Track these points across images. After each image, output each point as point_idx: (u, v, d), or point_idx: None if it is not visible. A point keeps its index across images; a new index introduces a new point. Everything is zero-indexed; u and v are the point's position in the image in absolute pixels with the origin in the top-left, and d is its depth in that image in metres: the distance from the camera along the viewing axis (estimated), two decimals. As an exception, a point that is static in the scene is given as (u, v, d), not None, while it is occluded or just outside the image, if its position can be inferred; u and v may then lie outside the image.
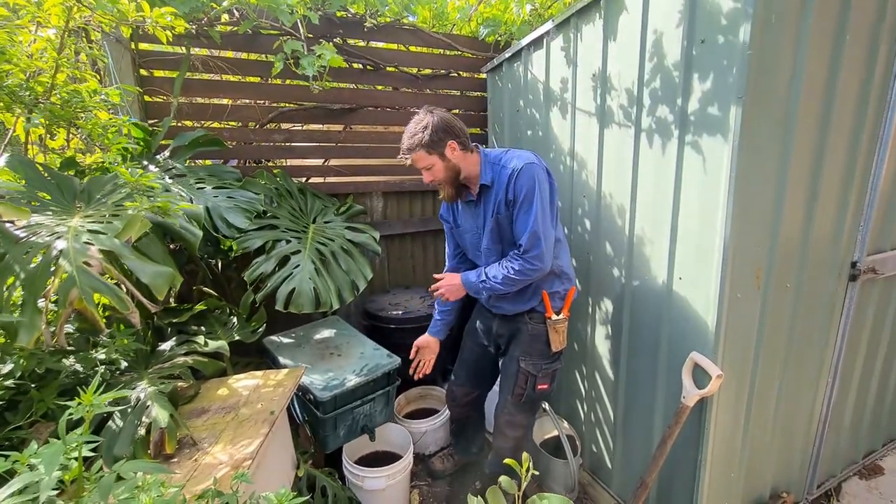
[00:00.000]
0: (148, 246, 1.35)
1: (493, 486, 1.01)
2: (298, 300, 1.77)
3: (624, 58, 1.56)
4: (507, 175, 1.49)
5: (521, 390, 1.68)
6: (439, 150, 1.50)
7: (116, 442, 1.20)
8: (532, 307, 1.64)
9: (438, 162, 1.52)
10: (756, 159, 1.26)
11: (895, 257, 1.71)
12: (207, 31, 1.97)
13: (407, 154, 1.54)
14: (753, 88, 1.19)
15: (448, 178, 1.55)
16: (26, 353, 1.25)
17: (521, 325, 1.68)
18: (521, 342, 1.68)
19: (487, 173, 1.55)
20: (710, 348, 1.38)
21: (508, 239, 1.58)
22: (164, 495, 0.81)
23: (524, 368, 1.66)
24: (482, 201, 1.61)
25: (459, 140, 1.52)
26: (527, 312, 1.66)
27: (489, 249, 1.64)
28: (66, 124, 1.58)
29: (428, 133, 1.48)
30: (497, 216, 1.55)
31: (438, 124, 1.49)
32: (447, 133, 1.50)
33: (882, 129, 1.50)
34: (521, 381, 1.67)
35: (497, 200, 1.54)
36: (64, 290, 1.08)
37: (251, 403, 1.42)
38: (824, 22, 1.25)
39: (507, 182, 1.49)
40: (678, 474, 1.58)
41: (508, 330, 1.74)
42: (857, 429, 1.97)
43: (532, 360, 1.66)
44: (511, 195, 1.49)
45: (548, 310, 1.62)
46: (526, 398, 1.69)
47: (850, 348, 1.75)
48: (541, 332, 1.64)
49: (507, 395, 1.73)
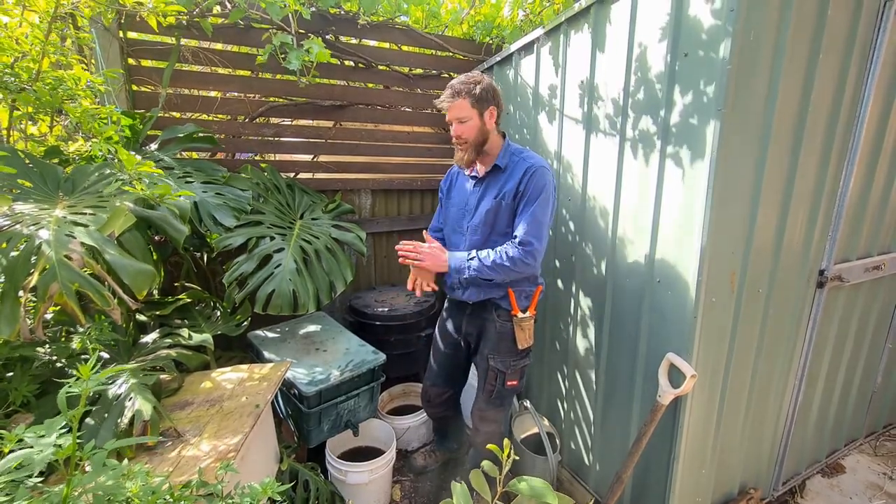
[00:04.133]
0: (130, 241, 1.33)
1: (476, 470, 1.05)
2: (277, 302, 1.77)
3: (611, 68, 1.60)
4: (525, 168, 1.54)
5: (490, 387, 1.73)
6: (480, 109, 1.52)
7: (98, 433, 1.20)
8: (496, 298, 1.66)
9: (476, 119, 1.53)
10: (733, 170, 1.32)
11: (860, 266, 1.80)
12: (199, 21, 1.96)
13: (451, 98, 1.52)
14: (732, 102, 1.25)
15: (475, 140, 1.56)
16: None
17: (489, 324, 1.72)
18: (489, 340, 1.72)
19: (504, 158, 1.60)
20: (685, 349, 1.43)
21: (499, 228, 1.60)
22: (150, 484, 0.82)
23: (493, 366, 1.70)
24: (487, 181, 1.64)
25: (499, 112, 1.57)
26: (494, 309, 1.68)
27: (475, 228, 1.64)
28: (52, 111, 1.55)
29: (479, 88, 1.51)
30: (501, 201, 1.57)
31: (490, 86, 1.54)
32: (494, 98, 1.55)
33: (851, 144, 1.58)
34: (490, 378, 1.72)
35: (505, 187, 1.57)
36: (44, 283, 1.06)
37: (236, 397, 1.43)
38: (800, 40, 1.31)
39: (524, 175, 1.53)
40: (652, 470, 1.64)
41: (476, 328, 1.77)
42: (822, 429, 2.06)
43: (501, 357, 1.70)
44: (522, 188, 1.53)
45: (514, 307, 1.64)
46: (496, 394, 1.74)
47: (817, 352, 1.83)
48: (508, 331, 1.67)
49: (480, 391, 1.79)
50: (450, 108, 1.54)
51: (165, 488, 0.84)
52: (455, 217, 1.74)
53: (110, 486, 0.75)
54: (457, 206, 1.73)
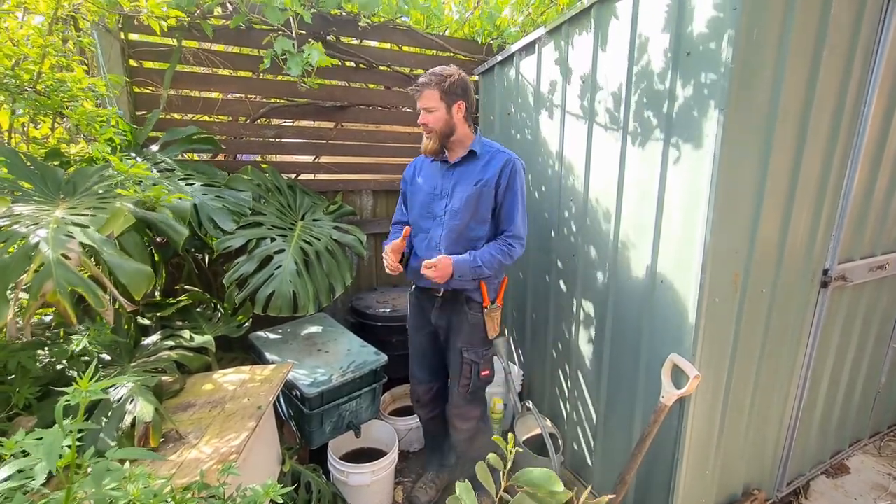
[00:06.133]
0: (128, 242, 1.33)
1: (481, 462, 1.04)
2: (277, 303, 1.77)
3: (613, 66, 1.60)
4: (504, 160, 1.62)
5: (466, 381, 1.75)
6: (448, 102, 1.59)
7: (99, 437, 1.19)
8: (468, 291, 1.70)
9: (442, 111, 1.59)
10: (736, 169, 1.31)
11: (864, 266, 1.79)
12: (200, 23, 1.96)
13: (420, 88, 1.59)
14: (735, 101, 1.24)
15: (441, 130, 1.61)
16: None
17: (460, 316, 1.73)
18: (461, 332, 1.74)
19: (478, 146, 1.66)
20: (688, 350, 1.43)
21: (480, 215, 1.65)
22: (151, 487, 0.81)
23: (467, 358, 1.73)
24: (462, 167, 1.67)
25: (468, 107, 1.63)
26: (465, 302, 1.72)
27: (455, 212, 1.65)
28: (53, 113, 1.55)
29: (449, 82, 1.58)
30: (483, 188, 1.62)
31: (460, 81, 1.60)
32: (464, 94, 1.61)
33: (854, 142, 1.57)
34: (465, 372, 1.74)
35: (486, 174, 1.63)
36: (38, 281, 1.06)
37: (237, 398, 1.42)
38: (803, 39, 1.31)
39: (503, 166, 1.61)
40: (656, 471, 1.63)
41: (446, 320, 1.78)
42: (826, 429, 2.05)
43: (474, 349, 1.73)
44: (504, 180, 1.62)
45: (485, 299, 1.71)
46: (472, 387, 1.76)
47: (821, 352, 1.82)
48: (479, 322, 1.72)
49: (455, 388, 1.79)
50: (419, 98, 1.60)
51: (167, 491, 0.84)
52: (424, 202, 1.73)
53: (110, 492, 0.74)
54: (426, 191, 1.73)
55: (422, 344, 1.92)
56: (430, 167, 1.76)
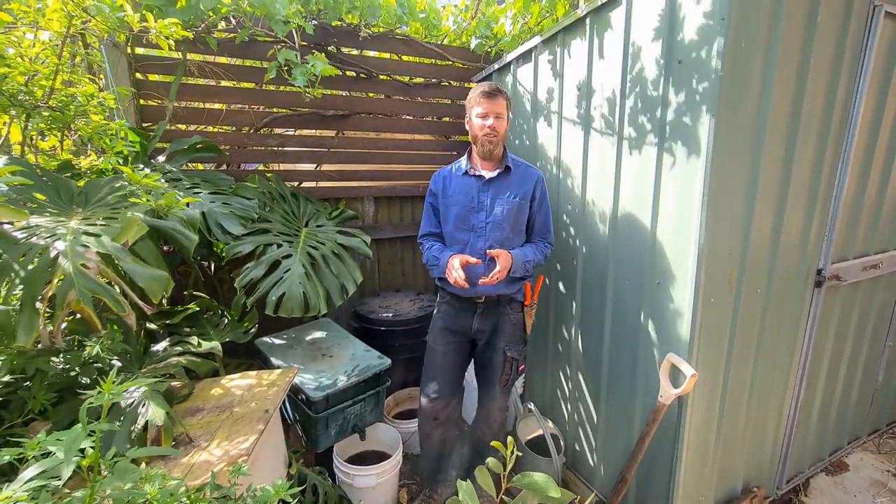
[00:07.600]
0: (143, 249, 1.38)
1: (481, 466, 1.07)
2: (288, 304, 1.80)
3: (608, 73, 1.64)
4: (536, 176, 1.78)
5: (507, 377, 1.83)
6: (509, 113, 1.75)
7: (113, 440, 1.23)
8: (511, 293, 1.79)
9: (506, 120, 1.73)
10: (728, 172, 1.35)
11: (858, 265, 1.82)
12: (205, 37, 2.01)
13: (496, 93, 1.66)
14: (726, 106, 1.28)
15: (504, 136, 1.74)
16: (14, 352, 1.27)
17: (503, 317, 1.81)
18: (504, 333, 1.81)
19: (509, 161, 1.77)
20: (685, 349, 1.46)
21: (518, 227, 1.77)
22: (167, 487, 0.85)
23: (510, 356, 1.80)
24: (497, 182, 1.75)
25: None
26: (508, 303, 1.82)
27: (497, 224, 1.73)
28: (63, 127, 1.60)
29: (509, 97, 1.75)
30: (521, 202, 1.74)
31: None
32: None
33: (844, 144, 1.61)
34: (507, 369, 1.82)
35: (522, 189, 1.74)
36: (62, 291, 1.11)
37: (245, 402, 1.46)
38: (791, 45, 1.35)
39: (537, 181, 1.77)
40: (656, 470, 1.66)
41: (491, 324, 1.83)
42: (824, 427, 2.08)
43: (515, 346, 1.83)
44: (538, 194, 1.77)
45: (527, 297, 1.83)
46: (510, 382, 1.86)
47: (817, 350, 1.85)
48: (520, 320, 1.85)
49: (495, 384, 1.85)
50: (493, 103, 1.66)
51: (182, 491, 0.87)
52: (460, 214, 1.77)
53: (130, 490, 0.78)
54: (461, 204, 1.77)
55: (447, 355, 1.88)
56: (461, 181, 1.79)
